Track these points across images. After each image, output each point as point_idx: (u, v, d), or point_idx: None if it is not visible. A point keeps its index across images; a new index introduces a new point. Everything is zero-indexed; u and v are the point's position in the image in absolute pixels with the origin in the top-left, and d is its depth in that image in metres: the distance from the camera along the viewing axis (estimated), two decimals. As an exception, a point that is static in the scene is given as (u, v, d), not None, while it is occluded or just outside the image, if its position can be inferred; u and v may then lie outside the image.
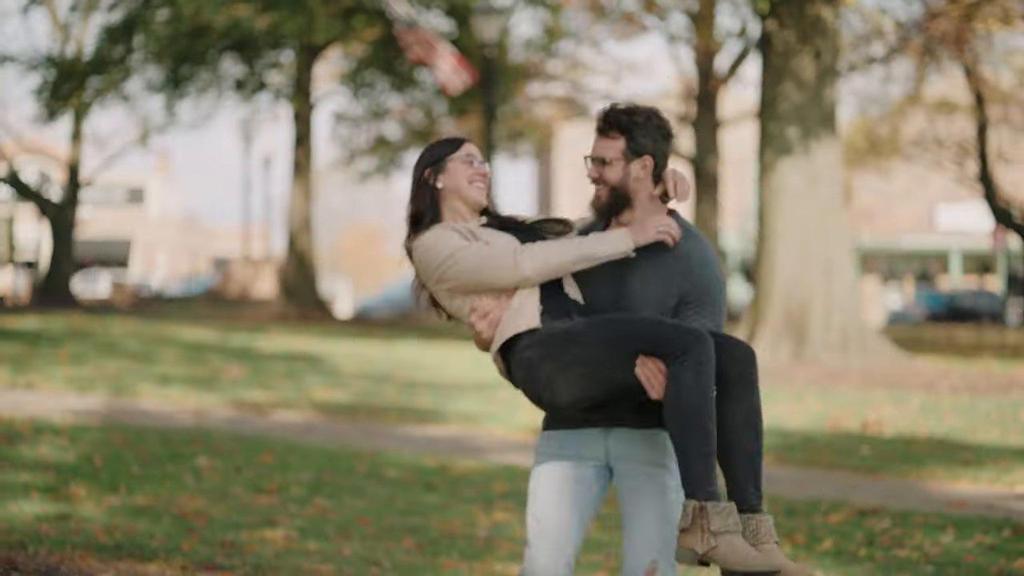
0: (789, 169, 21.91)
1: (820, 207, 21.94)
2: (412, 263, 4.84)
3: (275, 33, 33.36)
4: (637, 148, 4.79)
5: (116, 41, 36.90)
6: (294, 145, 38.56)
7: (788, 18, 21.78)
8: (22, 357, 19.05)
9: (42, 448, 11.33)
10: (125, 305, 43.89)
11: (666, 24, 41.94)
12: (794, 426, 14.82)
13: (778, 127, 21.91)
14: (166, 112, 39.48)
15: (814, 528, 9.26)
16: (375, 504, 9.80)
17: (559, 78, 44.72)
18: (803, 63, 21.73)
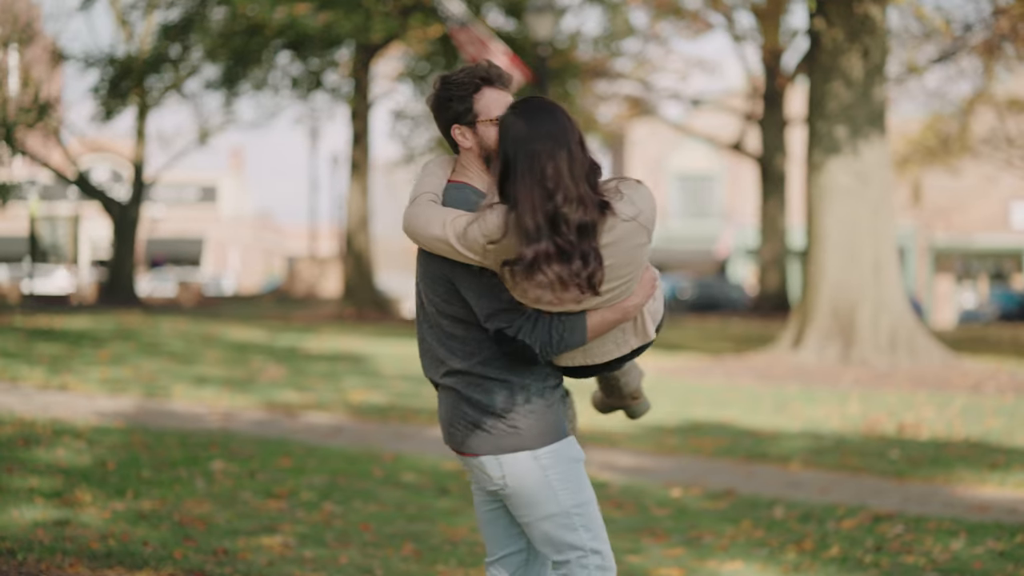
0: (837, 168, 21.62)
1: (869, 207, 21.63)
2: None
3: (331, 31, 33.43)
4: None
5: (173, 39, 37.15)
6: (351, 143, 38.64)
7: (836, 16, 21.48)
8: (62, 357, 19.15)
9: (58, 451, 11.33)
10: (190, 304, 44.20)
11: (732, 22, 41.75)
12: (829, 428, 14.63)
13: (826, 126, 21.63)
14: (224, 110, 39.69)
15: (825, 534, 9.11)
16: (384, 509, 9.71)
17: (626, 76, 44.61)
18: (851, 61, 21.42)
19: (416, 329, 4.74)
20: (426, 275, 4.58)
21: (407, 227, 4.52)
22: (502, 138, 4.41)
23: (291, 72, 39.29)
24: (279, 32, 33.99)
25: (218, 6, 35.92)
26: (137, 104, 41.55)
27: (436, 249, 4.46)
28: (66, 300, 47.37)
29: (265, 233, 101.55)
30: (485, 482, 4.62)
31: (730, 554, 8.53)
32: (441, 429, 4.69)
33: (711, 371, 21.05)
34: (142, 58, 38.58)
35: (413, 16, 33.91)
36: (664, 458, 12.74)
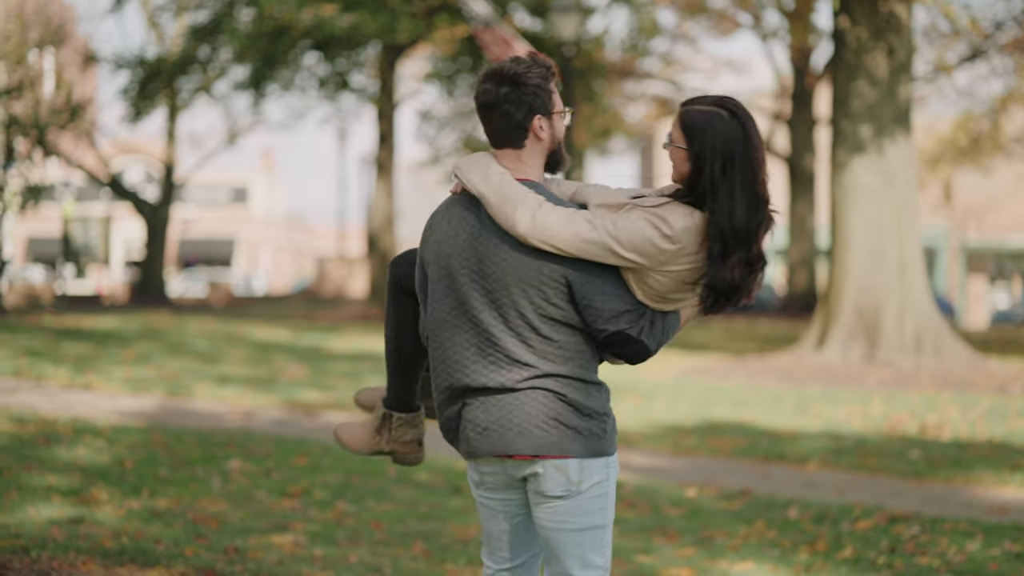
0: (862, 168, 21.55)
1: (894, 206, 21.55)
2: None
3: (357, 32, 33.49)
4: None
5: (202, 41, 37.31)
6: (377, 144, 38.72)
7: (860, 15, 21.41)
8: (87, 357, 19.26)
9: (78, 450, 11.40)
10: (220, 304, 44.33)
11: (760, 22, 41.68)
12: (850, 429, 14.57)
13: (851, 125, 21.55)
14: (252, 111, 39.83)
15: (839, 535, 9.08)
16: (397, 508, 9.73)
17: (654, 77, 44.59)
18: (876, 60, 21.35)
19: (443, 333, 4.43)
20: (520, 277, 4.32)
21: (540, 231, 4.26)
22: (712, 135, 4.32)
23: (318, 73, 39.41)
24: (305, 33, 34.08)
25: (246, 7, 36.04)
26: (167, 105, 41.76)
27: (582, 251, 4.27)
28: (98, 300, 47.60)
29: (296, 234, 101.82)
30: (551, 487, 4.41)
31: (741, 554, 8.51)
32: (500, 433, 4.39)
33: (733, 371, 21.01)
34: (171, 59, 38.75)
35: (439, 16, 33.95)
36: (681, 458, 12.73)
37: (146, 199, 43.89)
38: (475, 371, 4.38)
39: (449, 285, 4.40)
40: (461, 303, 4.38)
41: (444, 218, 4.45)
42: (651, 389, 18.16)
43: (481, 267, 4.34)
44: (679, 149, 4.37)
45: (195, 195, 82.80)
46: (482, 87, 4.41)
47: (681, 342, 27.88)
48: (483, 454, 4.42)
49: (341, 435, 5.07)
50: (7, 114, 35.02)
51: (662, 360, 22.54)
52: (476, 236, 4.36)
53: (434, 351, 4.46)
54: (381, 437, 5.00)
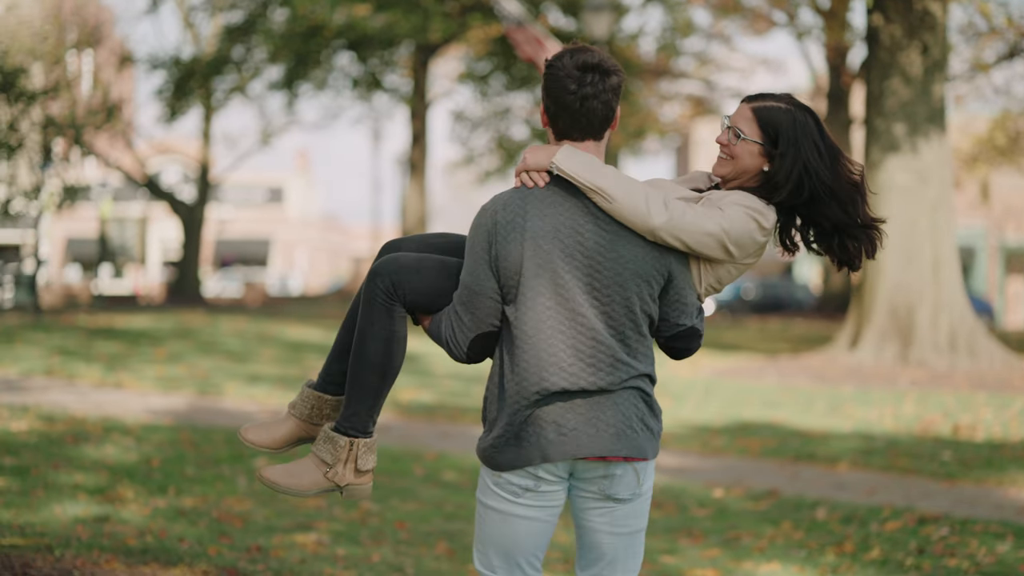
0: (896, 167, 21.41)
1: (927, 206, 21.41)
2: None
3: (390, 32, 33.51)
4: None
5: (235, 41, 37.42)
6: (410, 144, 38.75)
7: (894, 12, 21.27)
8: (119, 356, 19.31)
9: (107, 448, 11.42)
10: (255, 304, 44.43)
11: (795, 20, 41.50)
12: (882, 430, 14.49)
13: (884, 123, 21.42)
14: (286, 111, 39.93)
15: (867, 536, 9.01)
16: (422, 508, 9.70)
17: (689, 76, 44.47)
18: (910, 58, 21.21)
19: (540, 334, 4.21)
20: (637, 271, 4.23)
21: (674, 225, 4.21)
22: (796, 132, 4.40)
23: (351, 73, 39.47)
24: (338, 33, 34.12)
25: (280, 8, 36.14)
26: (202, 105, 41.91)
27: (701, 245, 4.25)
28: (134, 300, 47.79)
29: (331, 234, 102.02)
30: (622, 490, 4.34)
31: (767, 555, 8.45)
32: (589, 436, 4.23)
33: (765, 371, 20.90)
34: (206, 60, 38.88)
35: (471, 16, 33.93)
36: (709, 458, 12.66)
37: (182, 199, 44.05)
38: (574, 373, 4.20)
39: (550, 282, 4.19)
40: (565, 301, 4.20)
41: (538, 213, 4.21)
42: (682, 389, 18.09)
43: (591, 263, 4.20)
44: (752, 143, 4.40)
45: (231, 196, 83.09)
46: (586, 77, 4.26)
47: (714, 342, 27.78)
48: (564, 457, 4.23)
49: (274, 477, 4.52)
50: (44, 115, 35.17)
51: (693, 360, 22.47)
52: (585, 231, 4.21)
53: (522, 352, 4.21)
54: (337, 471, 4.53)
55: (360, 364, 4.42)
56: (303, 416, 4.71)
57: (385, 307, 4.40)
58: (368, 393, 4.45)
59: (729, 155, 4.45)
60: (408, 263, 4.45)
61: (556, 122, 4.32)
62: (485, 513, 4.39)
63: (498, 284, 4.22)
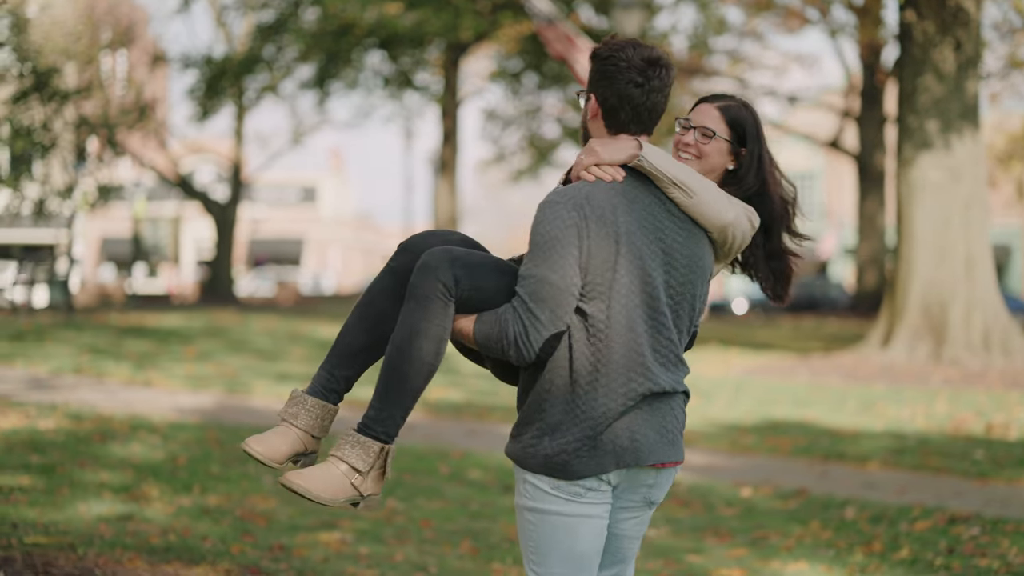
0: (928, 164, 21.26)
1: (961, 203, 21.25)
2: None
3: (420, 30, 33.52)
4: (589, 84, 4.30)
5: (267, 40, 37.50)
6: (440, 142, 38.76)
7: (927, 9, 21.13)
8: (149, 354, 19.34)
9: (133, 446, 11.41)
10: (288, 303, 44.51)
11: (828, 17, 41.32)
12: (914, 428, 14.36)
13: (917, 120, 21.28)
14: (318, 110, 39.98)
15: (896, 535, 8.91)
16: (447, 506, 9.65)
17: (721, 74, 44.33)
18: (943, 55, 21.05)
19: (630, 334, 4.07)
20: (704, 269, 4.22)
21: (738, 222, 4.23)
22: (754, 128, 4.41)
23: (382, 71, 39.49)
24: (369, 31, 34.14)
25: (311, 6, 36.20)
26: (234, 104, 42.01)
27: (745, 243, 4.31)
28: (167, 299, 47.96)
29: (364, 233, 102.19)
30: (661, 495, 4.28)
31: (794, 555, 8.36)
32: (655, 441, 4.13)
33: (796, 370, 20.79)
34: (237, 59, 38.97)
35: (502, 14, 33.89)
36: (738, 457, 12.58)
37: (215, 199, 44.16)
38: (656, 374, 4.09)
39: (640, 280, 4.07)
40: (651, 299, 4.09)
41: (626, 209, 4.07)
42: (712, 388, 18.00)
43: (670, 260, 4.11)
44: (723, 142, 4.34)
45: (265, 195, 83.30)
46: (651, 70, 4.17)
47: (746, 341, 27.67)
48: (636, 463, 4.10)
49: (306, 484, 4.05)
50: (77, 114, 35.32)
51: (724, 358, 22.37)
52: (665, 227, 4.12)
53: (611, 353, 4.03)
54: (364, 479, 4.13)
55: (408, 364, 4.07)
56: (309, 428, 4.27)
57: (443, 303, 4.06)
58: (409, 396, 4.13)
59: (696, 155, 4.36)
60: (465, 257, 4.14)
61: (615, 115, 4.20)
62: (542, 520, 4.12)
63: (581, 281, 4.03)
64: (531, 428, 4.09)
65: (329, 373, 4.31)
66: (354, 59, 37.48)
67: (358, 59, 37.88)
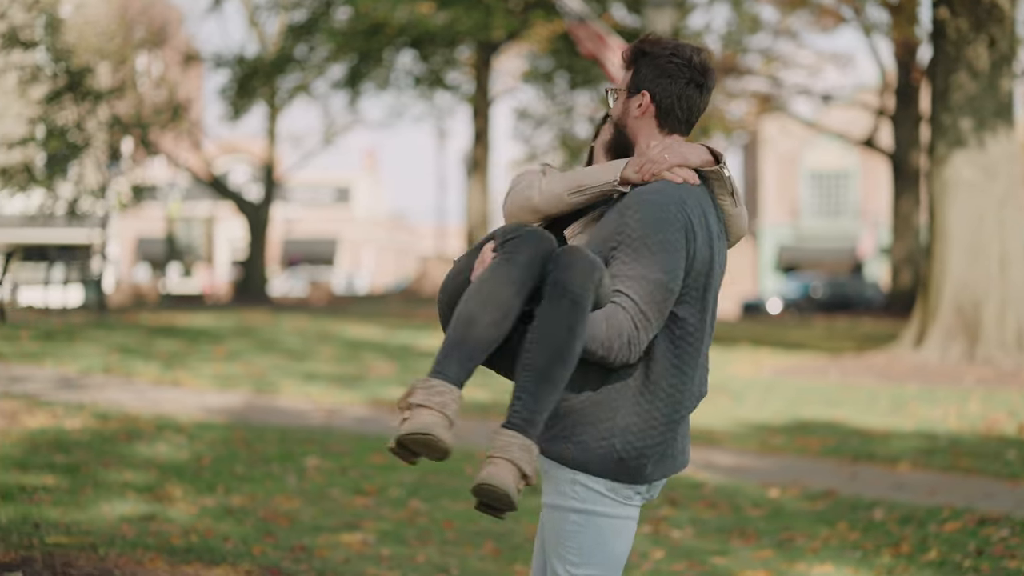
0: (962, 162, 21.09)
1: (994, 201, 21.07)
2: None
3: (452, 29, 33.50)
4: (638, 81, 4.18)
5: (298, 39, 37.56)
6: (472, 142, 38.73)
7: (960, 6, 20.96)
8: (179, 354, 19.35)
9: (159, 446, 11.40)
10: (320, 303, 44.56)
11: (862, 15, 41.09)
12: (945, 429, 14.22)
13: (951, 118, 21.10)
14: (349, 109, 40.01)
15: (925, 537, 8.79)
16: (471, 508, 9.56)
17: (755, 73, 44.18)
18: (977, 52, 20.88)
19: (705, 340, 4.10)
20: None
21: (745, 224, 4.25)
22: None
23: (413, 71, 39.49)
24: (400, 31, 34.15)
25: (343, 6, 36.23)
26: (267, 104, 42.08)
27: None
28: (201, 299, 48.10)
29: (398, 233, 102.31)
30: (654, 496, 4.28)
31: (821, 557, 8.27)
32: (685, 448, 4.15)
33: (827, 370, 20.65)
34: (269, 58, 39.04)
35: (534, 13, 33.84)
36: (767, 457, 12.47)
37: (248, 198, 44.25)
38: (705, 381, 4.16)
39: (707, 289, 4.05)
40: (711, 307, 4.09)
41: (700, 221, 4.02)
42: (742, 388, 17.89)
43: (714, 268, 4.08)
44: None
45: (299, 195, 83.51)
46: (708, 73, 4.16)
47: (778, 341, 27.53)
48: (679, 469, 4.13)
49: (502, 486, 3.76)
50: (111, 114, 35.44)
51: (755, 359, 22.25)
52: (717, 234, 4.11)
53: (693, 358, 4.00)
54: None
55: (564, 367, 3.85)
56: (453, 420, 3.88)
57: (590, 304, 3.90)
58: (558, 397, 3.91)
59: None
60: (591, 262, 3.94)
61: (670, 114, 4.13)
62: (589, 522, 4.01)
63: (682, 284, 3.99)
64: (594, 429, 3.96)
65: (464, 364, 3.89)
66: (385, 58, 37.49)
67: (389, 58, 37.89)
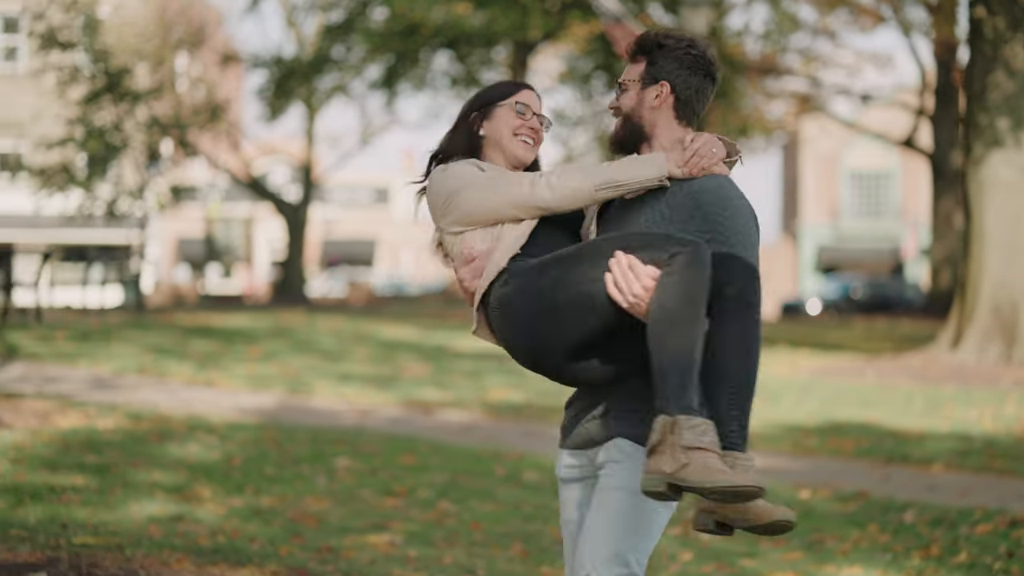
0: (999, 162, 20.92)
1: (1032, 201, 20.92)
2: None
3: (489, 29, 33.50)
4: (656, 72, 4.17)
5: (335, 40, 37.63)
6: (509, 142, 38.71)
7: (997, 4, 20.81)
8: (213, 354, 19.39)
9: (190, 447, 11.42)
10: (359, 303, 44.62)
11: (901, 14, 40.86)
12: (980, 430, 14.13)
13: (987, 118, 20.94)
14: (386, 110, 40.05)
15: (956, 539, 8.72)
16: (500, 508, 9.57)
17: (794, 73, 44.02)
18: (1014, 51, 20.72)
19: None
20: None
21: None
22: None
23: (449, 72, 39.50)
24: (436, 31, 34.17)
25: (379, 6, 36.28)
26: (305, 105, 42.18)
27: None
28: (240, 300, 48.26)
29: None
30: None
31: (850, 559, 8.22)
32: None
33: (864, 371, 20.53)
34: (306, 59, 39.13)
35: (570, 13, 33.79)
36: (800, 459, 12.41)
37: (287, 199, 44.36)
38: None
39: None
40: None
41: None
42: (778, 389, 17.80)
43: None
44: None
45: (337, 196, 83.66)
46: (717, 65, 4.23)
47: (816, 342, 27.40)
48: None
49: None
50: (149, 115, 35.61)
51: (791, 360, 22.15)
52: None
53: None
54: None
55: (754, 375, 3.90)
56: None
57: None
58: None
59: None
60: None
61: (688, 106, 4.16)
62: (655, 509, 4.05)
63: None
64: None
65: (696, 393, 3.84)
66: (421, 59, 37.51)
67: (425, 59, 37.92)
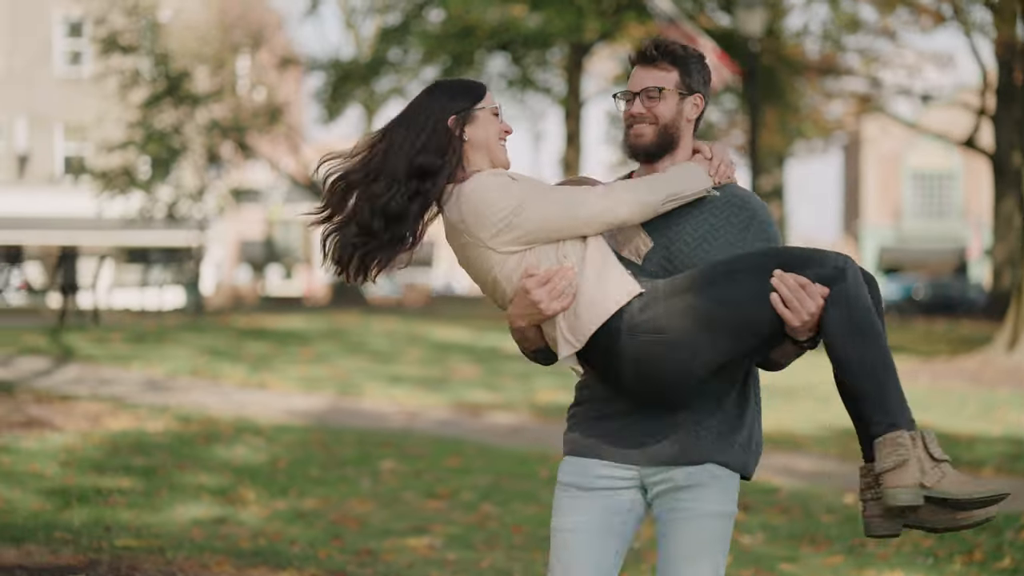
0: (1057, 162, 20.76)
1: (1092, 201, 20.73)
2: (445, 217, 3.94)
3: (544, 31, 33.48)
4: (692, 84, 4.07)
5: (392, 42, 37.71)
6: (564, 144, 38.68)
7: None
8: (266, 356, 19.49)
9: (237, 449, 11.50)
10: (416, 305, 44.72)
11: (961, 13, 40.51)
12: (1033, 434, 14.00)
13: (1046, 118, 20.78)
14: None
15: (1000, 544, 8.62)
16: (542, 511, 9.54)
17: (854, 73, 43.73)
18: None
19: None
20: None
21: None
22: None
23: (505, 74, 39.52)
24: (492, 34, 34.19)
25: (435, 9, 36.36)
26: (363, 107, 42.33)
27: None
28: (300, 301, 48.47)
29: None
30: None
31: (891, 564, 8.16)
32: None
33: (918, 373, 20.36)
34: (363, 61, 39.26)
35: (626, 14, 33.72)
36: (848, 462, 12.30)
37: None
38: None
39: None
40: None
41: None
42: (830, 392, 17.65)
43: None
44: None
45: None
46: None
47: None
48: None
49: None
50: (209, 118, 35.86)
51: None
52: None
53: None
54: None
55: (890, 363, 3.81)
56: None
57: None
58: None
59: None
60: None
61: (702, 118, 4.14)
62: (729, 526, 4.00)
63: None
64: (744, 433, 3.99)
65: None
66: (477, 61, 37.55)
67: (481, 61, 37.95)
